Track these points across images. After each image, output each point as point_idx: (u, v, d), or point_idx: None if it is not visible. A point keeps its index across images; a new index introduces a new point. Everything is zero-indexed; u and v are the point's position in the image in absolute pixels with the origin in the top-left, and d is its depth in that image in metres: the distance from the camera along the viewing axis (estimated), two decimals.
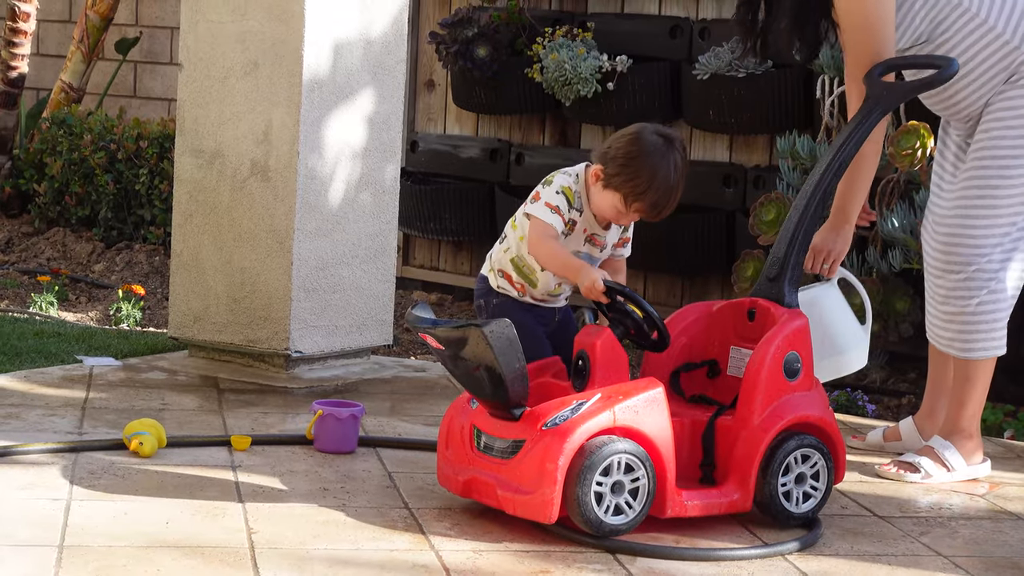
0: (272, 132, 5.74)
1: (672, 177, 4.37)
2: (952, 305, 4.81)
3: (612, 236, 4.56)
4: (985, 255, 4.75)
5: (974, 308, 4.78)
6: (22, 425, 4.91)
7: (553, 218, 4.41)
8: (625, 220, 4.49)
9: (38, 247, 8.39)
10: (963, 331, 4.82)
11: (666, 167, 4.36)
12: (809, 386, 4.32)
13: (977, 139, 4.79)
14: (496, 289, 4.57)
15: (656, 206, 4.40)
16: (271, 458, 4.70)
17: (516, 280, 4.54)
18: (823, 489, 4.31)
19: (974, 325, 4.80)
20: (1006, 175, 4.74)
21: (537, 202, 4.45)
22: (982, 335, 4.81)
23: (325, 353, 5.90)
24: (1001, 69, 4.75)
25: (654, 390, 4.12)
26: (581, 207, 4.46)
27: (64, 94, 9.13)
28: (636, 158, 4.37)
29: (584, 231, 4.48)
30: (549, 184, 4.47)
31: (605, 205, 4.44)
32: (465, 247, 7.86)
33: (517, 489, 4.07)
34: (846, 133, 4.62)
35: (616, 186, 4.40)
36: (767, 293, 4.44)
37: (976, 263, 4.76)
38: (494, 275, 4.57)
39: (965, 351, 4.83)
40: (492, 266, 4.59)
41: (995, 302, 4.79)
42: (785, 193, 6.19)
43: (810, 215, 4.48)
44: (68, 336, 6.34)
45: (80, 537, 3.88)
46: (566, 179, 4.47)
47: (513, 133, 7.67)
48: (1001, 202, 4.74)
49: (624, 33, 7.21)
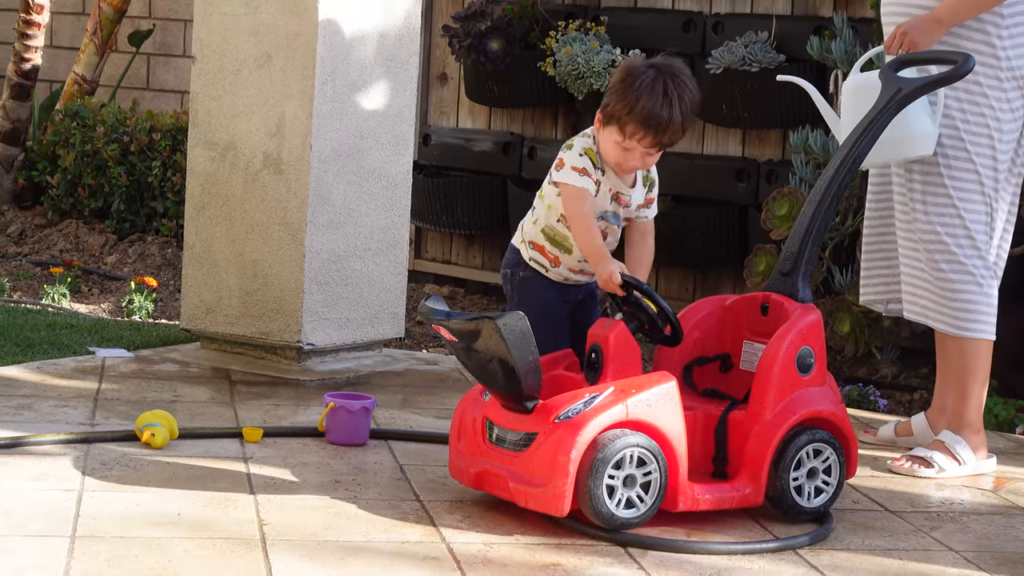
0: (285, 125, 5.74)
1: (659, 89, 4.28)
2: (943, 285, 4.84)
3: (637, 196, 4.52)
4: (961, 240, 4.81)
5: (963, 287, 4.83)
6: (34, 416, 4.92)
7: (583, 180, 4.39)
8: (632, 159, 4.40)
9: (51, 239, 8.40)
10: (955, 308, 4.84)
11: (654, 81, 4.29)
12: (822, 381, 4.31)
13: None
14: (528, 262, 4.55)
15: (651, 122, 4.30)
16: (283, 450, 4.71)
17: (550, 251, 4.52)
18: (835, 484, 4.31)
19: (965, 303, 4.83)
20: (952, 165, 4.80)
21: (563, 168, 4.42)
22: (974, 314, 4.83)
23: (337, 346, 5.90)
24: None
25: (667, 384, 4.12)
26: (603, 166, 4.44)
27: (77, 86, 9.14)
28: (622, 81, 4.35)
29: (610, 190, 4.46)
30: (571, 148, 4.44)
31: (609, 145, 4.39)
32: (477, 240, 7.86)
33: (529, 482, 4.07)
34: (861, 128, 4.62)
35: (610, 116, 4.35)
36: (780, 288, 4.43)
37: (959, 251, 4.80)
38: (526, 247, 4.56)
39: (960, 329, 4.85)
40: (524, 238, 4.57)
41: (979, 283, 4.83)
42: (798, 188, 6.19)
43: (824, 210, 4.48)
44: (80, 328, 6.35)
45: (92, 528, 3.89)
46: (585, 140, 4.45)
47: (526, 127, 7.67)
48: (961, 192, 4.80)
49: (637, 27, 7.21)
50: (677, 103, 4.31)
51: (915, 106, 4.74)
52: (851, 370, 6.36)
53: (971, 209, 4.82)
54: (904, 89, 4.66)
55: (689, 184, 7.05)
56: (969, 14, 4.77)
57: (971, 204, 4.82)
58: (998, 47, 4.80)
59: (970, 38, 4.81)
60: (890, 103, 4.64)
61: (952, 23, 4.78)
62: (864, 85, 4.83)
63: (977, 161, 4.81)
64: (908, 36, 4.79)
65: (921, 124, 4.77)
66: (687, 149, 7.16)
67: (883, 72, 4.74)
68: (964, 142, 4.81)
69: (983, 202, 4.83)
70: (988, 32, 4.80)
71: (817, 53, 6.39)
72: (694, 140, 7.17)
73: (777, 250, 6.20)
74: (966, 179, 4.82)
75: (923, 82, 4.71)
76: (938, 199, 4.84)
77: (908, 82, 4.68)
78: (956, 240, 4.82)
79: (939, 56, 4.74)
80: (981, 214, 4.82)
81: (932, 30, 4.78)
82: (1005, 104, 4.82)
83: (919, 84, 4.70)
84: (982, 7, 4.76)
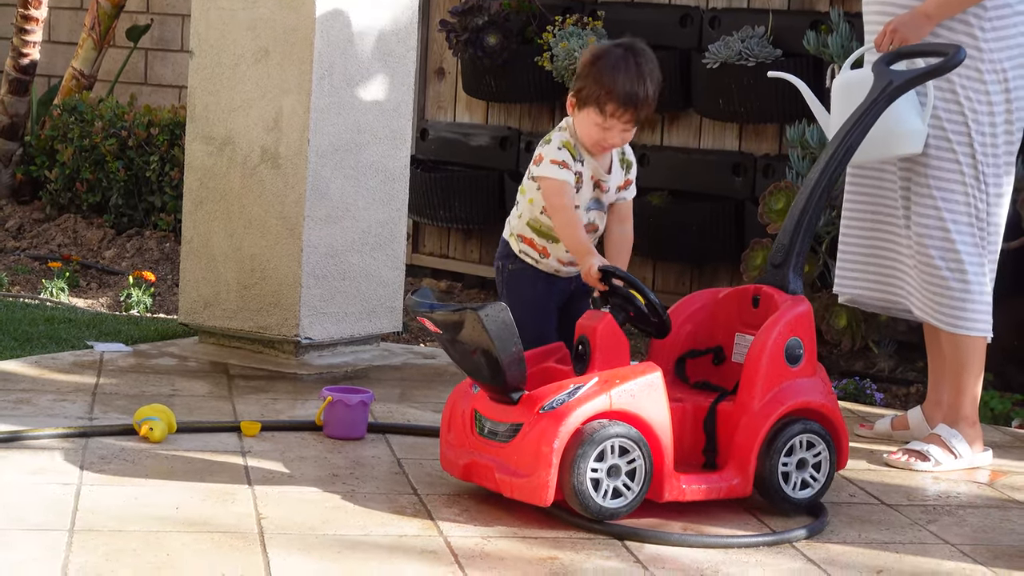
0: (282, 119, 5.74)
1: (632, 67, 4.38)
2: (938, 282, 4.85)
3: (616, 178, 4.56)
4: (960, 238, 4.81)
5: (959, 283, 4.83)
6: (33, 410, 4.93)
7: (563, 173, 4.43)
8: (613, 138, 4.45)
9: (49, 233, 8.40)
10: (952, 306, 4.85)
11: (624, 59, 4.38)
12: (811, 372, 4.32)
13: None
14: (518, 254, 4.58)
15: (629, 99, 4.37)
16: (280, 444, 4.72)
17: (538, 243, 4.54)
18: (823, 480, 4.31)
19: (961, 301, 4.84)
20: (941, 163, 4.83)
21: (542, 163, 4.46)
22: (976, 311, 4.84)
23: (335, 340, 5.91)
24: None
25: (652, 374, 4.13)
26: (582, 157, 4.48)
27: (75, 81, 9.14)
28: (593, 63, 4.43)
29: (592, 179, 4.50)
30: (548, 143, 4.49)
31: (586, 127, 4.44)
32: (475, 235, 7.86)
33: (514, 472, 4.08)
34: (852, 121, 4.63)
35: (585, 99, 4.41)
36: (771, 280, 4.45)
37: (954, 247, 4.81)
38: (515, 240, 4.59)
39: (952, 327, 4.86)
40: (512, 231, 4.60)
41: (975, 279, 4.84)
42: (794, 182, 6.20)
43: (815, 202, 4.49)
44: (79, 322, 6.36)
45: (90, 521, 3.90)
46: (562, 135, 4.50)
47: (523, 121, 7.67)
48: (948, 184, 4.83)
49: (634, 21, 7.21)
50: (649, 79, 4.41)
51: (904, 104, 4.76)
52: (848, 364, 6.37)
53: (952, 204, 4.82)
54: (895, 81, 4.67)
55: (686, 178, 7.06)
56: (957, 8, 4.79)
57: (952, 196, 4.82)
58: (980, 39, 4.81)
59: (952, 29, 4.82)
60: (881, 95, 4.65)
61: (940, 18, 4.80)
62: (854, 82, 4.84)
63: (958, 151, 4.82)
64: (899, 32, 4.81)
65: (910, 121, 4.79)
66: (684, 144, 7.17)
67: (875, 65, 4.75)
68: (943, 136, 4.83)
69: (963, 193, 4.82)
70: (971, 24, 4.81)
71: (813, 48, 6.39)
72: (691, 134, 7.18)
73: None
74: (948, 175, 4.83)
75: (914, 74, 4.72)
76: (921, 196, 4.86)
77: (900, 75, 4.70)
78: (943, 235, 4.83)
79: (930, 48, 4.76)
80: (961, 207, 4.82)
81: (921, 25, 4.80)
82: (983, 96, 4.82)
83: (910, 76, 4.71)
84: (967, 2, 4.78)
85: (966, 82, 4.81)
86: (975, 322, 4.86)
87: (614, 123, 4.41)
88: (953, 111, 4.83)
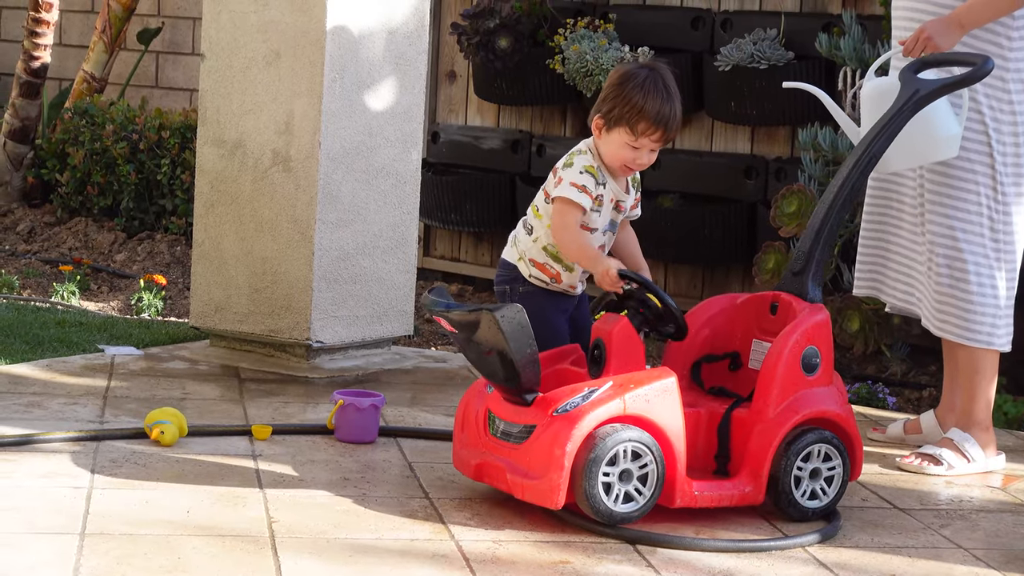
0: (294, 122, 5.74)
1: (661, 87, 4.39)
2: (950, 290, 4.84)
3: (630, 199, 4.56)
4: (971, 247, 4.80)
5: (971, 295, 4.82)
6: (44, 414, 4.93)
7: (581, 197, 4.41)
8: (641, 158, 4.44)
9: (60, 237, 8.41)
10: (964, 318, 4.83)
11: (653, 79, 4.39)
12: (828, 382, 4.30)
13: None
14: (528, 279, 4.55)
15: (661, 118, 4.37)
16: (292, 448, 4.71)
17: (551, 268, 4.52)
18: (832, 496, 4.29)
19: (973, 311, 4.82)
20: (964, 175, 4.82)
21: (561, 184, 4.44)
22: (981, 322, 4.83)
23: (346, 343, 5.90)
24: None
25: (667, 379, 4.12)
26: (605, 179, 4.46)
27: (86, 84, 9.15)
28: (623, 84, 4.42)
29: (611, 200, 4.49)
30: (571, 167, 4.46)
31: (615, 148, 4.43)
32: (486, 238, 7.86)
33: (526, 474, 4.08)
34: (878, 128, 4.61)
35: (617, 119, 4.40)
36: (790, 287, 4.43)
37: (967, 255, 4.79)
38: (525, 264, 4.55)
39: (967, 339, 4.84)
40: (521, 255, 4.56)
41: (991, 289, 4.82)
42: (807, 185, 6.18)
43: (837, 210, 4.47)
44: (90, 325, 6.36)
45: (101, 525, 3.90)
46: (584, 158, 4.46)
47: (534, 124, 7.67)
48: (966, 192, 4.81)
49: (646, 24, 7.21)
50: (676, 99, 4.41)
51: (940, 108, 4.73)
52: (860, 368, 6.36)
53: (963, 213, 4.80)
54: (922, 90, 4.65)
55: (698, 181, 7.05)
56: (990, 17, 4.76)
57: (964, 205, 4.80)
58: (1006, 47, 4.79)
59: (977, 37, 4.80)
60: (907, 104, 4.63)
61: (973, 26, 4.77)
62: (885, 88, 4.80)
63: (975, 160, 4.80)
64: (932, 40, 4.78)
65: (948, 127, 4.76)
66: (696, 147, 7.16)
67: (903, 73, 4.73)
68: (964, 145, 4.81)
69: (976, 202, 4.80)
70: (997, 32, 4.79)
71: (826, 50, 6.38)
72: (703, 138, 7.17)
73: (786, 247, 6.20)
74: (962, 184, 4.81)
75: (942, 83, 4.69)
76: (934, 203, 4.84)
77: (927, 83, 4.68)
78: (952, 243, 4.81)
79: (959, 58, 4.73)
80: (973, 216, 4.80)
81: (952, 32, 4.77)
82: (1007, 106, 4.80)
83: (937, 85, 4.68)
84: (1001, 11, 4.76)
85: (990, 90, 4.79)
86: (978, 332, 4.83)
87: (645, 142, 4.40)
88: (974, 119, 4.81)
